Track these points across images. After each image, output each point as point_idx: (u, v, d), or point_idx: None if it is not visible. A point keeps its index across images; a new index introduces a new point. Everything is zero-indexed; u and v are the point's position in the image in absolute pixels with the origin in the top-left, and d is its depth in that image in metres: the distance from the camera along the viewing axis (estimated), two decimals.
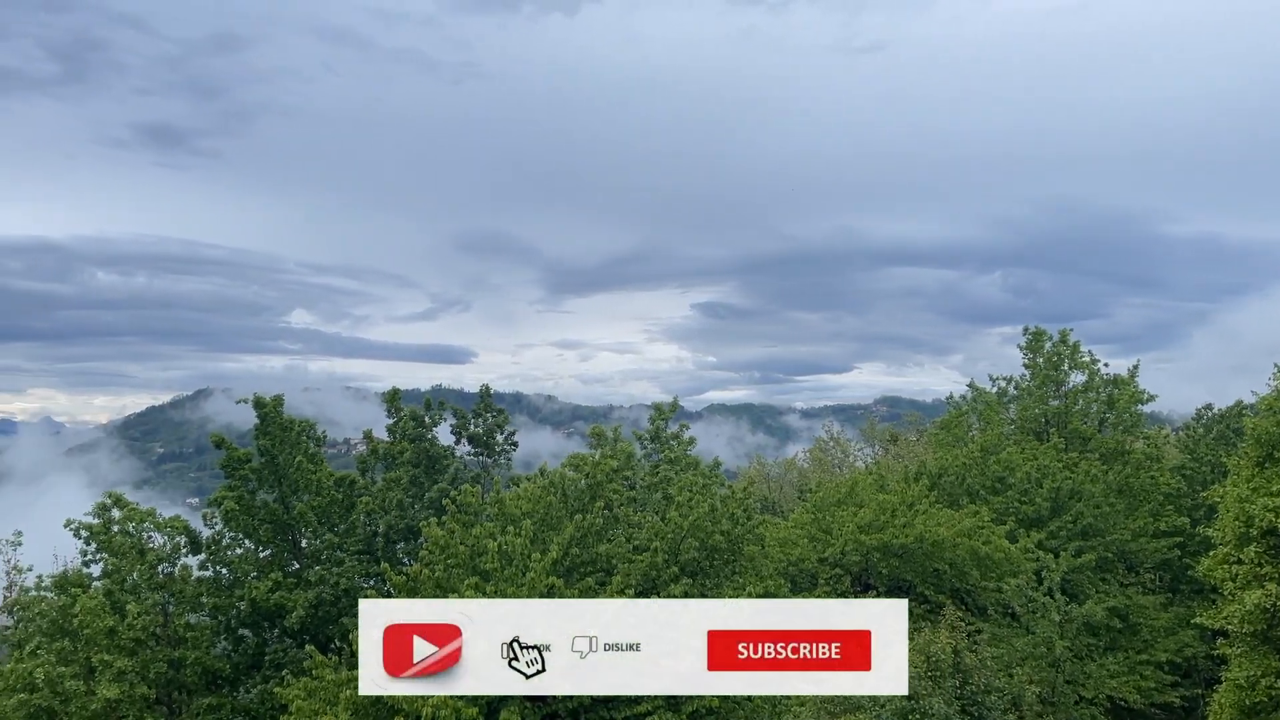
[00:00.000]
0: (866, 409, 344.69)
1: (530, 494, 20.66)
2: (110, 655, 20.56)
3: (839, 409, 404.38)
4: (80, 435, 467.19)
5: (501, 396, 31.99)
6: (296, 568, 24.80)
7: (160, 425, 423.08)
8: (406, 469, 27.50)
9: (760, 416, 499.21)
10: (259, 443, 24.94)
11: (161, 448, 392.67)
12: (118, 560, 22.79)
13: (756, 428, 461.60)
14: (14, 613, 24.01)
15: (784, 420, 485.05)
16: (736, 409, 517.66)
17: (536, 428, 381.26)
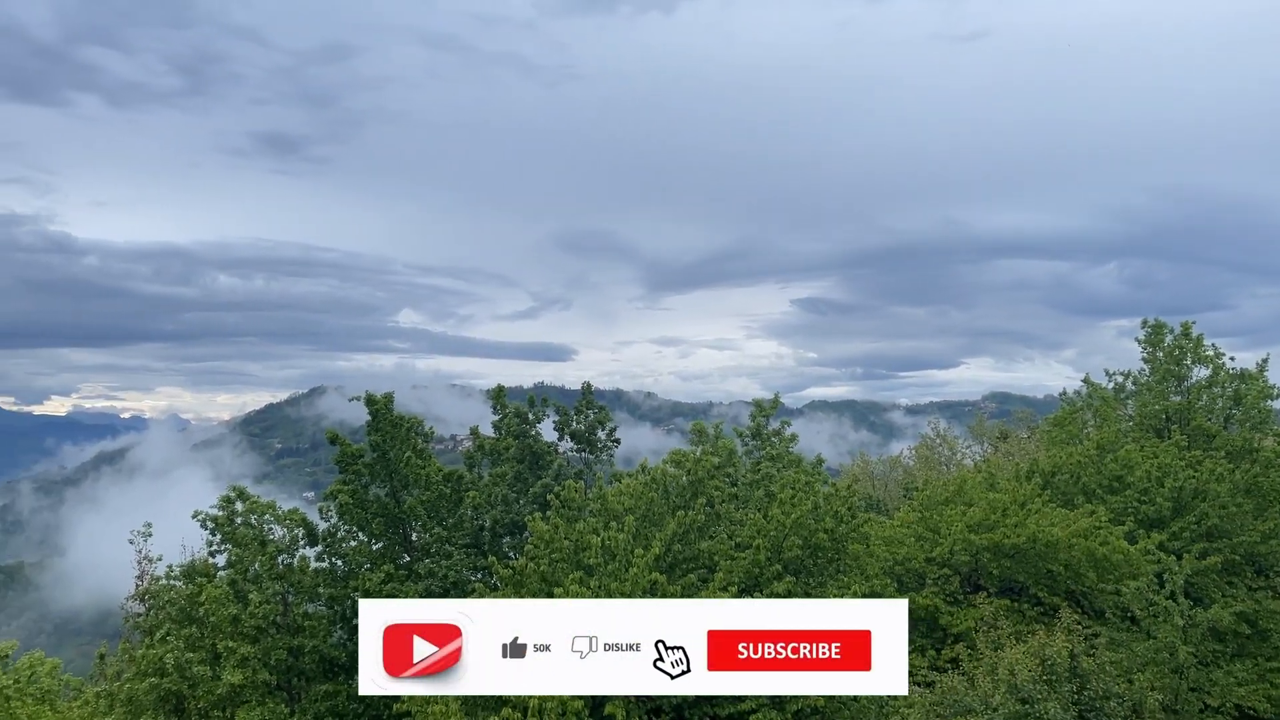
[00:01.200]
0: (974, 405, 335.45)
1: (632, 490, 20.77)
2: (234, 642, 21.49)
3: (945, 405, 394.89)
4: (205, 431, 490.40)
5: (602, 393, 32.26)
6: (407, 560, 25.47)
7: (278, 422, 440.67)
8: (511, 465, 27.96)
9: (863, 413, 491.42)
10: (371, 439, 25.70)
11: (279, 443, 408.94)
12: (241, 551, 23.77)
13: (859, 425, 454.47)
14: (145, 600, 25.29)
15: (887, 417, 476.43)
16: (838, 405, 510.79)
17: (636, 424, 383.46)
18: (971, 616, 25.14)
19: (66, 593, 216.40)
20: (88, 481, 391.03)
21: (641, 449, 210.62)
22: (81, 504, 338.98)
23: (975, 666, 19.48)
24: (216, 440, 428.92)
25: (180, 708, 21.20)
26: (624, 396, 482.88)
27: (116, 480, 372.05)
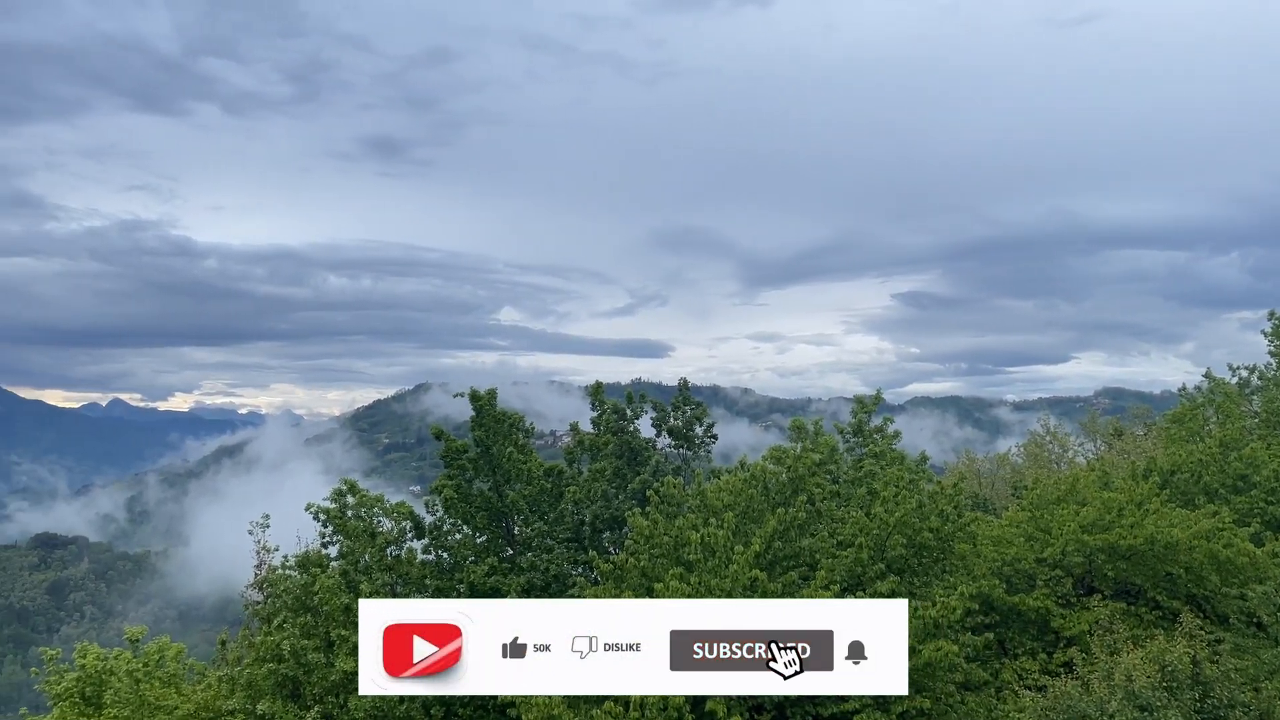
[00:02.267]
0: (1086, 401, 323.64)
1: (731, 486, 20.72)
2: (346, 631, 22.19)
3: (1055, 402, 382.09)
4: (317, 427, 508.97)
5: (699, 390, 32.18)
6: (510, 554, 25.97)
7: (385, 418, 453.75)
8: (610, 461, 28.19)
9: (968, 409, 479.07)
10: (474, 434, 26.25)
11: (387, 438, 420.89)
12: (352, 543, 24.56)
13: (964, 421, 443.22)
14: (264, 589, 26.35)
15: (994, 413, 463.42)
16: (942, 402, 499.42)
17: (733, 420, 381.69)
18: (1085, 620, 24.27)
19: (190, 580, 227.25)
20: (209, 474, 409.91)
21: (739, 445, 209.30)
22: (203, 496, 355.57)
23: (1090, 671, 18.81)
24: (327, 435, 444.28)
25: (297, 693, 22.00)
26: (721, 393, 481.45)
27: (235, 473, 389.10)
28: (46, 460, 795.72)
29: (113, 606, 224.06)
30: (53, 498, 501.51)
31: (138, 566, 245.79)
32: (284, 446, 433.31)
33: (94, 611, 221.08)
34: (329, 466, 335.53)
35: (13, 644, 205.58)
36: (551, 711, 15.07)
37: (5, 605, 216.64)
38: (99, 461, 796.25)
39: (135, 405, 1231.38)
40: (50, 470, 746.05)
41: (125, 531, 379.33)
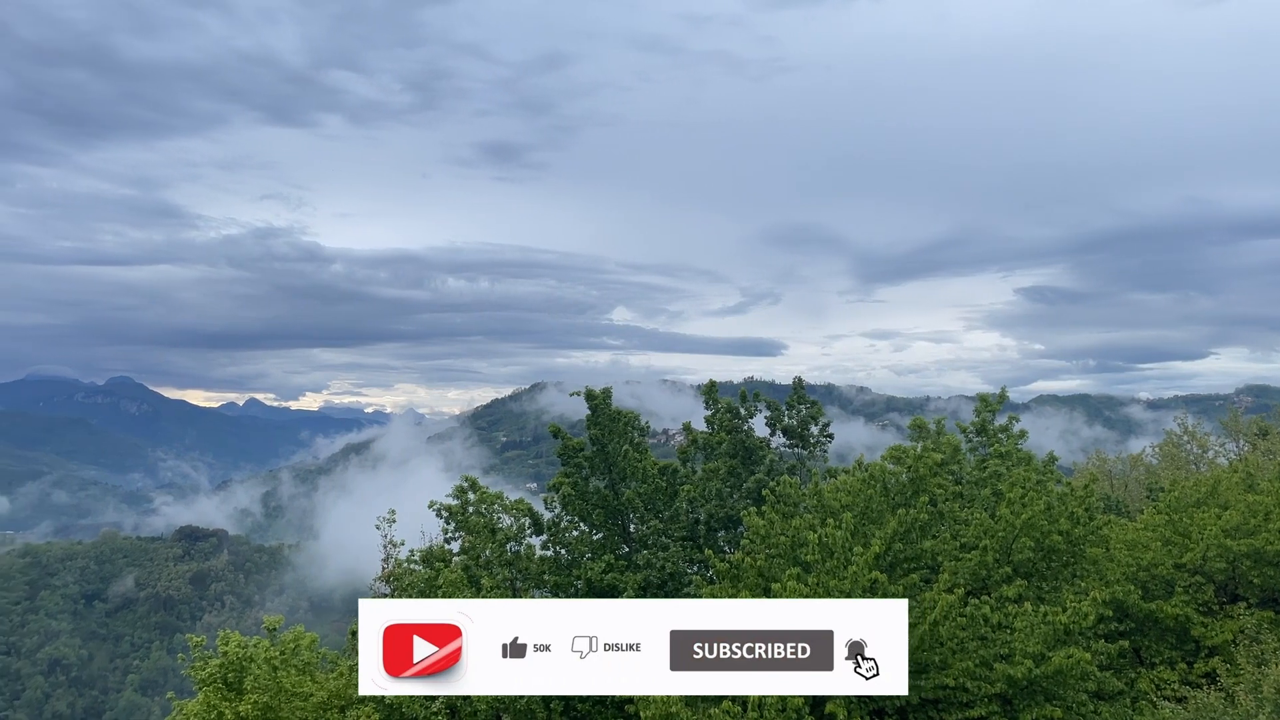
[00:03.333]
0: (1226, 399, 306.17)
1: (849, 486, 20.40)
2: None
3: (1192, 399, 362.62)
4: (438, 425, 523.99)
5: (813, 388, 31.79)
6: (626, 551, 26.18)
7: (503, 416, 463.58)
8: (725, 460, 28.10)
9: (1097, 408, 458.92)
10: (590, 432, 26.56)
11: (504, 436, 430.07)
12: (473, 538, 25.17)
13: (1093, 420, 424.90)
14: (390, 582, 27.25)
15: (1125, 412, 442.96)
16: (1069, 400, 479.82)
17: (848, 419, 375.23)
18: (1229, 629, 22.99)
19: (320, 572, 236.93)
20: (337, 471, 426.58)
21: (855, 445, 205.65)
22: (332, 491, 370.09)
23: (1235, 683, 17.83)
24: (448, 433, 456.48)
25: None
26: (835, 391, 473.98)
27: (362, 470, 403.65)
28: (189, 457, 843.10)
29: (250, 596, 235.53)
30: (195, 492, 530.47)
31: (272, 559, 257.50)
32: (407, 444, 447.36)
33: (233, 601, 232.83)
34: (449, 464, 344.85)
35: (159, 631, 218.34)
36: (669, 709, 15.12)
37: (153, 594, 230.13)
38: (237, 458, 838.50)
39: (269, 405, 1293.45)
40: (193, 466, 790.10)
41: (261, 525, 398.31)
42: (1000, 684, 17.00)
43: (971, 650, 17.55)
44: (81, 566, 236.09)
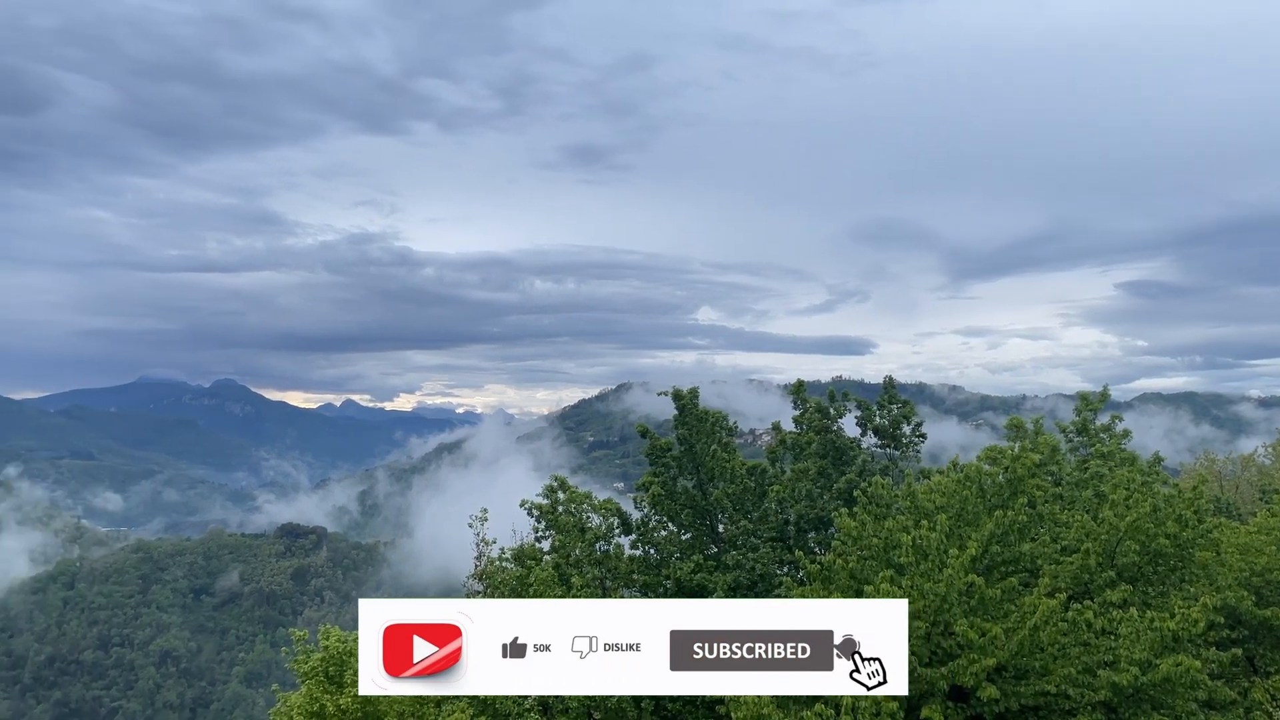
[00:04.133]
0: None
1: (944, 487, 19.94)
2: None
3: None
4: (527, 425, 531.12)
5: (904, 387, 31.28)
6: (715, 551, 26.12)
7: (590, 416, 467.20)
8: (814, 460, 27.80)
9: (1204, 406, 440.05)
10: (678, 432, 26.58)
11: (591, 436, 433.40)
12: (563, 537, 25.44)
13: (1200, 419, 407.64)
14: (483, 580, 27.72)
15: (1235, 410, 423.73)
16: (1174, 398, 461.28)
17: (941, 419, 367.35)
18: None
19: (414, 569, 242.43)
20: (430, 470, 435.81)
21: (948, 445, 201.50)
22: (426, 490, 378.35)
23: None
24: (537, 433, 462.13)
25: None
26: (927, 390, 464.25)
27: (454, 469, 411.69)
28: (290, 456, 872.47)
29: (348, 592, 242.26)
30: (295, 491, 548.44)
31: (368, 556, 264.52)
32: (497, 444, 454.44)
33: (332, 596, 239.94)
34: (538, 463, 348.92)
35: (263, 625, 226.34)
36: (761, 710, 15.03)
37: (256, 589, 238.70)
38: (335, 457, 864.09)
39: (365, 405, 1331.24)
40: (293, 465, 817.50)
41: (358, 523, 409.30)
42: (1105, 691, 16.44)
43: (1074, 656, 17.01)
44: (190, 562, 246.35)
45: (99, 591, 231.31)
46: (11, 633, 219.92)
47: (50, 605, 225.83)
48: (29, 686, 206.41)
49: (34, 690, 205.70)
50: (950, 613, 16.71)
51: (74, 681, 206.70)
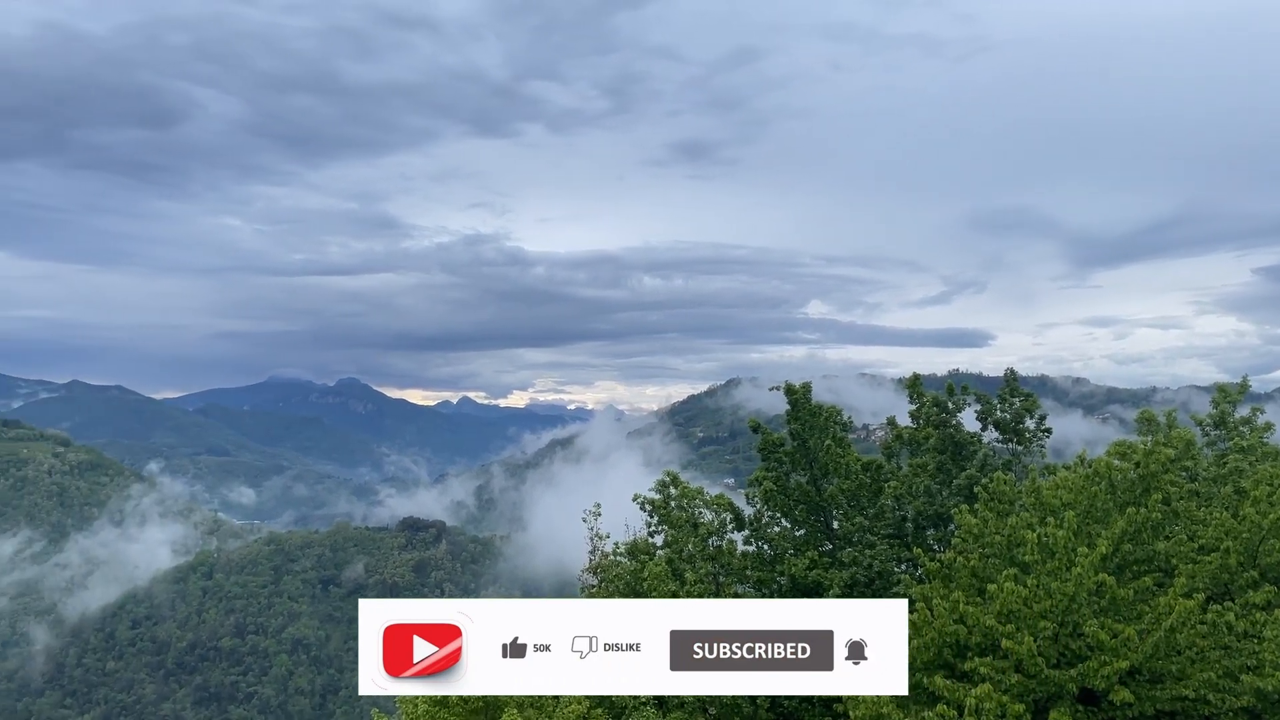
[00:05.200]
0: None
1: (1071, 483, 19.22)
2: None
3: None
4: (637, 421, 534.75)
5: (1024, 380, 30.25)
6: (830, 548, 25.82)
7: (699, 412, 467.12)
8: (932, 455, 27.17)
9: None
10: (791, 427, 26.37)
11: (701, 432, 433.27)
12: (676, 532, 25.55)
13: None
14: (597, 574, 28.08)
15: None
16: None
17: (1064, 412, 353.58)
18: None
19: (529, 562, 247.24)
20: (543, 465, 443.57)
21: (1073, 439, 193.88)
22: (539, 485, 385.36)
23: None
24: (647, 430, 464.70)
25: None
26: (1049, 383, 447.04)
27: (567, 464, 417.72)
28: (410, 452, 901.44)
29: (467, 585, 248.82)
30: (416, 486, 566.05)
31: (485, 549, 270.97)
32: (608, 440, 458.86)
33: (451, 589, 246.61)
34: (649, 459, 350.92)
35: None
36: (880, 710, 14.82)
37: (379, 580, 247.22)
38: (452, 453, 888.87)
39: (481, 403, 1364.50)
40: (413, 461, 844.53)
41: (475, 517, 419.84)
42: (1248, 697, 15.61)
43: (1213, 660, 16.19)
44: (318, 554, 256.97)
45: (235, 581, 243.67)
46: (156, 620, 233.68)
47: (191, 594, 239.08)
48: (172, 671, 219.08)
49: (176, 675, 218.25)
50: (1079, 613, 16.13)
51: (213, 667, 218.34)
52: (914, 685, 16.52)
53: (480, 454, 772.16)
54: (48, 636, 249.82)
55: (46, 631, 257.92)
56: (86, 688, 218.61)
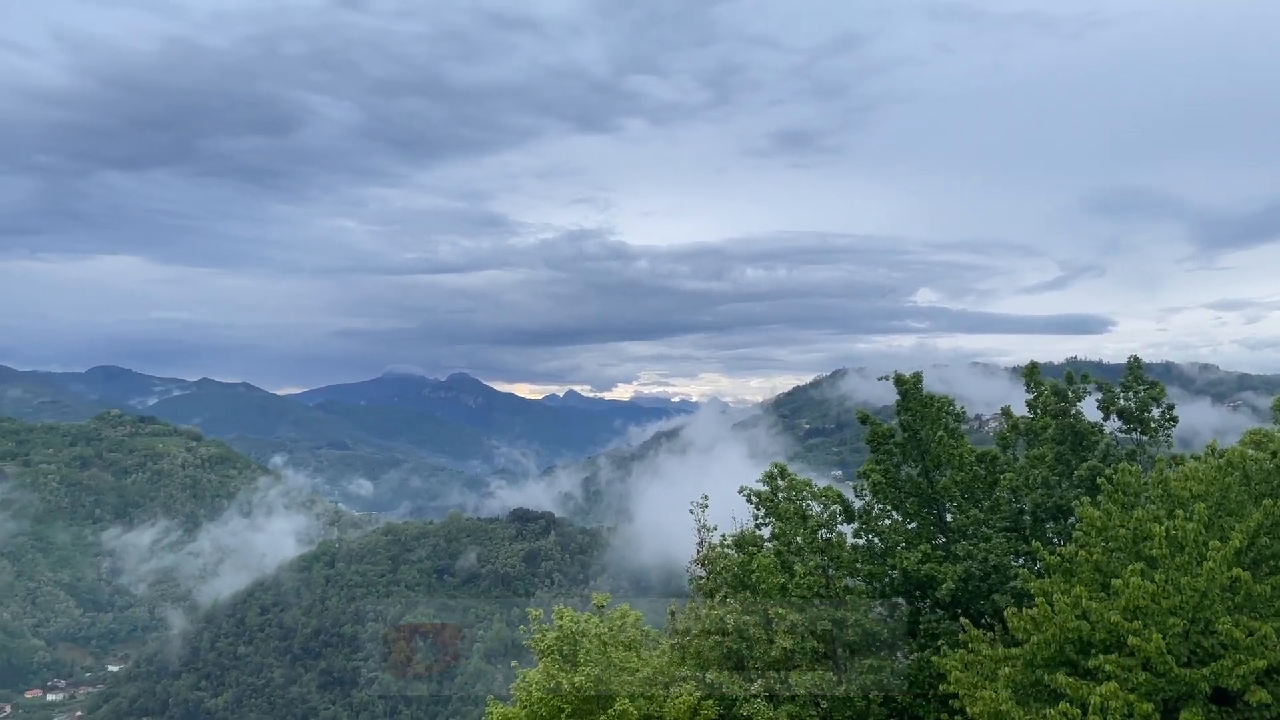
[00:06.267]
0: None
1: (1201, 474, 18.35)
2: (783, 609, 23.00)
3: None
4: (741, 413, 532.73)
5: (1148, 367, 28.94)
6: (943, 541, 25.25)
7: (805, 404, 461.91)
8: (1050, 446, 26.28)
9: None
10: (901, 418, 25.86)
11: (807, 424, 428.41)
12: (783, 524, 25.36)
13: None
14: (705, 565, 28.10)
15: None
16: None
17: (1191, 400, 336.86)
18: None
19: (636, 553, 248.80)
20: (649, 457, 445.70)
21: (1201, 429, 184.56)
22: (645, 477, 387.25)
23: None
24: (752, 421, 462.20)
25: (740, 665, 23.22)
26: (1174, 370, 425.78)
27: (672, 456, 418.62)
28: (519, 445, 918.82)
29: (575, 575, 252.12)
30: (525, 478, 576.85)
31: (593, 540, 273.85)
32: (713, 432, 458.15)
33: (560, 579, 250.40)
34: (754, 451, 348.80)
35: (499, 605, 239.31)
36: (999, 707, 14.46)
37: (492, 570, 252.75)
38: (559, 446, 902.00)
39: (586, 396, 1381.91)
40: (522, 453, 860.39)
41: (582, 508, 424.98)
42: None
43: None
44: (433, 544, 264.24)
45: (355, 570, 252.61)
46: (283, 607, 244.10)
47: (314, 582, 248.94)
48: (298, 656, 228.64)
49: (302, 660, 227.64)
50: (1211, 610, 15.42)
51: (336, 653, 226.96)
52: (1034, 682, 16.08)
53: (586, 446, 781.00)
54: (184, 621, 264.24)
55: (182, 617, 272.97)
56: (220, 670, 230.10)
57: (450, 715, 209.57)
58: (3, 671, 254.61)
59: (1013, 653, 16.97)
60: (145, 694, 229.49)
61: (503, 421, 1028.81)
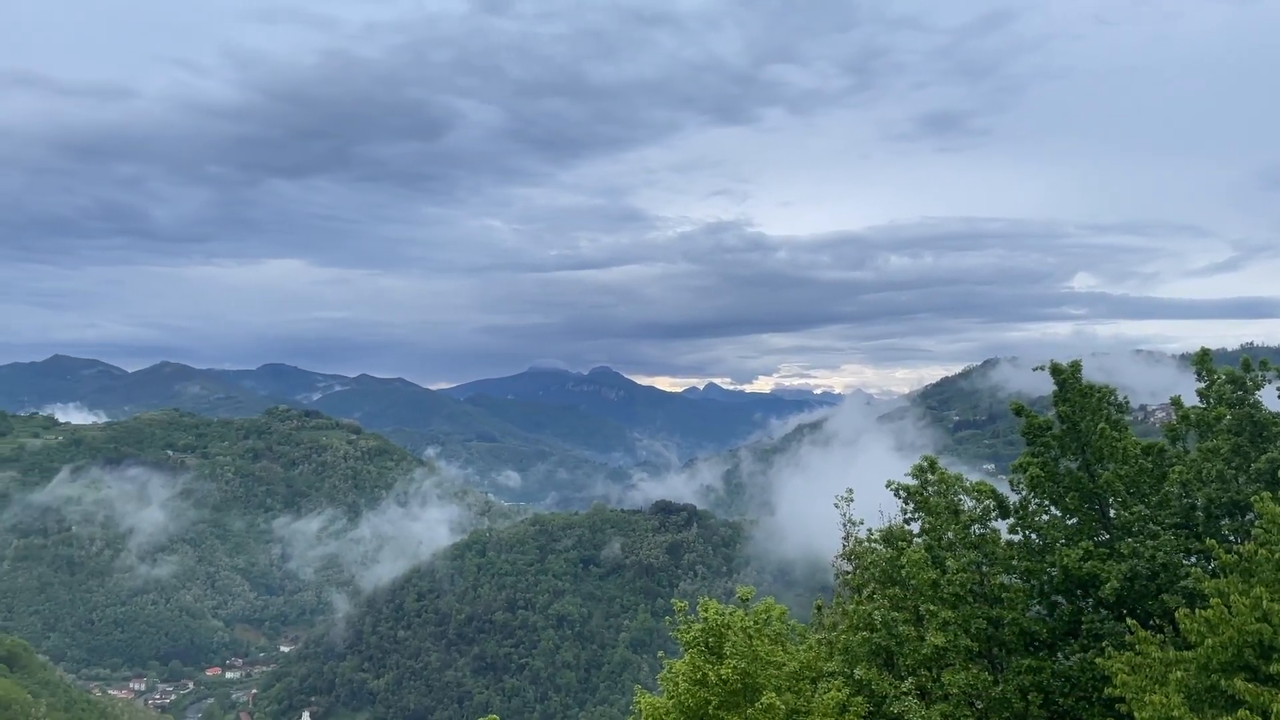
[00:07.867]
0: None
1: None
2: (935, 606, 22.45)
3: None
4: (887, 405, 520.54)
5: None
6: (1106, 538, 24.08)
7: (954, 395, 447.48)
8: (1226, 437, 24.65)
9: None
10: (1059, 409, 24.82)
11: (957, 416, 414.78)
12: (934, 519, 24.72)
13: None
14: (852, 560, 27.70)
15: None
16: None
17: None
18: None
19: (778, 546, 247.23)
20: (791, 450, 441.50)
21: None
22: (786, 469, 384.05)
23: None
24: (898, 413, 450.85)
25: (890, 662, 22.82)
26: None
27: (814, 448, 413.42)
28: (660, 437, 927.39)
29: (718, 567, 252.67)
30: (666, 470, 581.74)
31: (735, 533, 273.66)
32: (857, 424, 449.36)
33: (703, 570, 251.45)
34: (900, 443, 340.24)
35: (644, 595, 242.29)
36: (1170, 712, 13.73)
37: (635, 561, 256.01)
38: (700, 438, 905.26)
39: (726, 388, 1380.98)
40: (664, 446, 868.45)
41: (724, 501, 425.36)
42: None
43: None
44: (579, 534, 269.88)
45: (505, 559, 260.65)
46: (438, 593, 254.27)
47: (467, 570, 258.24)
48: (453, 641, 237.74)
49: (457, 645, 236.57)
50: None
51: (488, 639, 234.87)
52: (1208, 687, 15.20)
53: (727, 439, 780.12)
54: (347, 606, 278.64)
55: (346, 601, 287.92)
56: (381, 653, 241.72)
57: (598, 703, 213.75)
58: (187, 650, 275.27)
59: (1185, 656, 16.07)
60: (314, 674, 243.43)
61: (644, 414, 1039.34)
